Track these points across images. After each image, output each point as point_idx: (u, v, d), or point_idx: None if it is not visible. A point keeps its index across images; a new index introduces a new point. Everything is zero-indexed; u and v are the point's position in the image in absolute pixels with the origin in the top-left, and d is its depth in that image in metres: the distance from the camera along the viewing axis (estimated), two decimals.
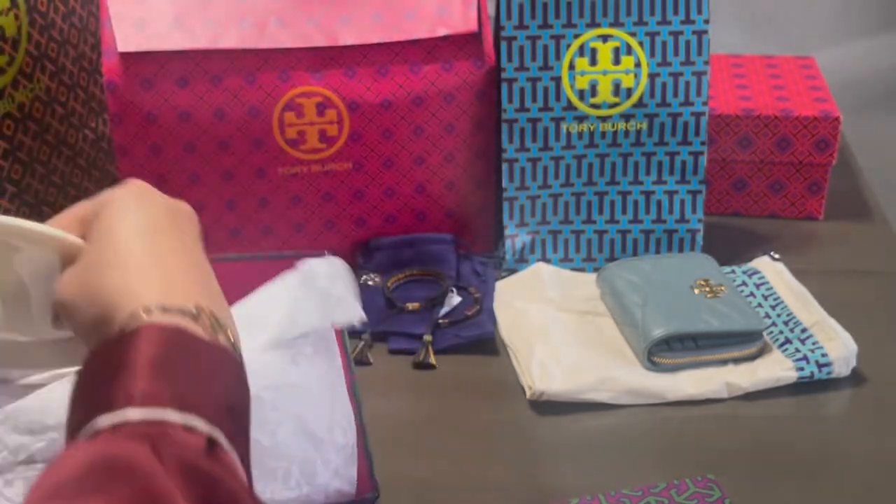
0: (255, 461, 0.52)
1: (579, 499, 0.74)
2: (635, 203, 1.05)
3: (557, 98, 1.02)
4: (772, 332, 0.93)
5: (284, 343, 0.73)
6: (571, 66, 1.01)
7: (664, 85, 1.02)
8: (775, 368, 0.88)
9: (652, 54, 1.01)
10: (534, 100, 1.02)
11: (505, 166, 1.03)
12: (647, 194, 1.04)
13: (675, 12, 1.01)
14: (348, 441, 0.73)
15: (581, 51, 1.01)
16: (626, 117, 1.02)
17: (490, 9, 1.03)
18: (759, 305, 0.96)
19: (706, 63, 1.02)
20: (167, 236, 0.55)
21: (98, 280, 0.53)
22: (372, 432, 0.83)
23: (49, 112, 1.13)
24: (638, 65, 1.01)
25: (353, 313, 0.75)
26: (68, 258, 0.57)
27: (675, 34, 1.01)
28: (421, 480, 0.79)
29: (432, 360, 0.92)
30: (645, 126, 1.03)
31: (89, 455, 0.43)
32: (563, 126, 1.02)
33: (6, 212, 1.07)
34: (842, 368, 0.88)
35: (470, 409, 0.87)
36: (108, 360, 0.48)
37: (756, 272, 1.01)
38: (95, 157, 1.23)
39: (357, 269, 1.05)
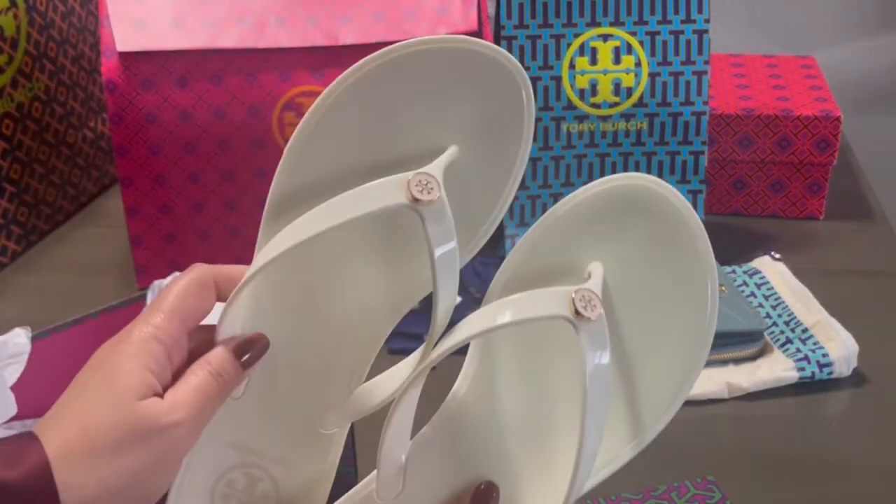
0: None
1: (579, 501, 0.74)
2: None
3: (558, 97, 1.01)
4: (772, 333, 0.92)
5: None
6: (572, 66, 1.01)
7: (664, 84, 1.01)
8: (776, 368, 0.88)
9: (652, 54, 1.01)
10: (534, 99, 1.01)
11: None
12: None
13: (676, 11, 1.01)
14: None
15: (581, 50, 1.01)
16: (627, 117, 1.02)
17: (490, 8, 1.03)
18: (760, 305, 0.96)
19: (706, 62, 1.01)
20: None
21: None
22: (372, 431, 0.83)
23: (48, 111, 1.13)
24: (638, 64, 1.01)
25: None
26: None
27: (676, 33, 1.01)
28: None
29: None
30: (645, 126, 1.02)
31: None
32: (564, 126, 1.02)
33: (5, 211, 1.07)
34: (843, 368, 0.88)
35: None
36: None
37: (757, 272, 1.01)
38: (94, 157, 1.23)
39: None
